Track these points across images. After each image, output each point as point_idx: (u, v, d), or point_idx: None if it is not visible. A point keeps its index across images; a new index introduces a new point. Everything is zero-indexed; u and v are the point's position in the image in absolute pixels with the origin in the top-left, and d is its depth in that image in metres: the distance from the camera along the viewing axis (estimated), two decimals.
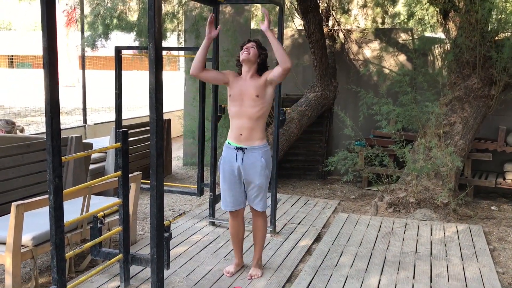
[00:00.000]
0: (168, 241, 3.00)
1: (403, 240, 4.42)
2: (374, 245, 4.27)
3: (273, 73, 3.25)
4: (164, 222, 2.95)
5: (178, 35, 7.63)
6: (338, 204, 5.68)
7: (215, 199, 4.65)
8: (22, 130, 4.76)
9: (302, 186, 6.63)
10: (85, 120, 8.32)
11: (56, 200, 2.32)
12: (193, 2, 5.68)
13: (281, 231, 4.60)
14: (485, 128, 6.18)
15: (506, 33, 5.58)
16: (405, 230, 4.68)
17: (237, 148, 3.37)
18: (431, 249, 4.21)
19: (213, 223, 4.68)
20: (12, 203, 2.94)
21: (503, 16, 5.47)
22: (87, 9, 7.12)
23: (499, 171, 6.29)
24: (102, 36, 5.47)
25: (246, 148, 3.35)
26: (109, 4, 5.33)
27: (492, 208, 5.74)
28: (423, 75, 5.73)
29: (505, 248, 4.41)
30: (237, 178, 3.45)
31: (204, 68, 3.34)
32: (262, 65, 3.37)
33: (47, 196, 2.58)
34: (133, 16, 6.25)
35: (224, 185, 3.50)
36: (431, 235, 4.56)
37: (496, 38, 5.58)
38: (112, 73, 5.04)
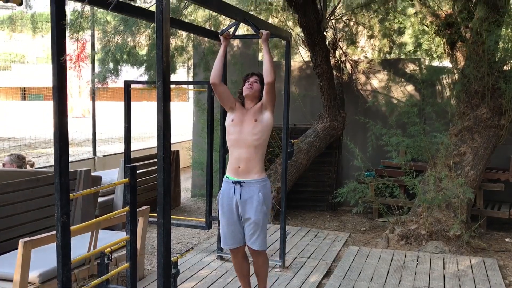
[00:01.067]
0: (176, 278, 2.95)
1: (415, 274, 4.32)
2: (385, 280, 4.17)
3: (263, 72, 3.29)
4: (172, 258, 2.91)
5: (188, 68, 7.74)
6: (348, 237, 5.59)
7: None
8: (32, 165, 4.80)
9: (311, 217, 6.56)
10: (94, 152, 8.37)
11: (63, 238, 2.30)
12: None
13: (290, 265, 4.53)
14: (496, 158, 6.11)
15: None
16: (417, 264, 4.58)
17: (235, 182, 3.30)
18: (444, 284, 4.10)
19: (221, 257, 4.62)
20: (20, 240, 2.93)
21: (509, 45, 5.48)
22: (97, 45, 7.27)
23: None
24: (112, 72, 5.56)
25: (244, 182, 3.29)
26: (119, 41, 5.43)
27: (507, 240, 5.62)
28: (432, 105, 5.72)
29: None
30: (235, 214, 3.36)
31: (221, 76, 3.38)
32: (261, 95, 3.43)
33: (54, 232, 2.57)
34: (142, 50, 6.36)
35: (223, 221, 3.42)
36: (444, 268, 4.46)
37: (504, 68, 5.58)
38: (121, 104, 5.09)
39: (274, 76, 3.25)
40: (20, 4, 2.02)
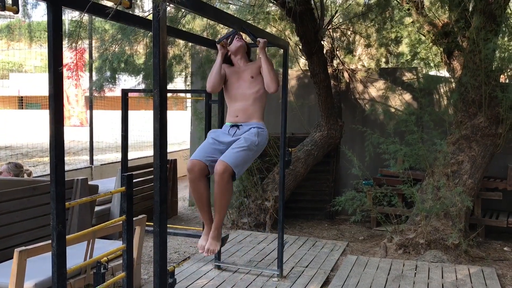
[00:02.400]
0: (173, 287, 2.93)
1: (413, 283, 4.29)
2: None
3: (265, 82, 3.28)
4: (168, 268, 2.89)
5: (186, 77, 7.74)
6: (346, 246, 5.57)
7: (220, 241, 4.57)
8: (29, 174, 4.77)
9: (309, 226, 6.54)
10: (91, 161, 8.34)
11: (59, 247, 2.28)
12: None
13: (288, 274, 4.50)
14: (494, 167, 6.11)
15: (510, 72, 5.61)
16: (415, 273, 4.55)
17: (232, 126, 3.24)
18: None
19: (218, 267, 4.59)
20: (15, 249, 2.90)
21: (506, 54, 5.51)
22: (95, 54, 7.28)
23: (510, 210, 6.18)
24: (109, 80, 5.56)
25: (241, 125, 3.23)
26: (117, 49, 5.44)
27: (505, 249, 5.60)
28: (429, 114, 5.73)
29: None
30: (221, 144, 3.14)
31: (220, 85, 3.35)
32: (249, 51, 3.51)
33: (50, 241, 2.55)
34: (140, 59, 6.37)
35: (203, 143, 3.21)
36: (442, 278, 4.43)
37: (501, 79, 5.60)
38: (118, 113, 5.09)
39: (277, 84, 3.27)
40: (17, 12, 2.02)
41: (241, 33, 3.48)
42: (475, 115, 5.58)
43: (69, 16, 6.72)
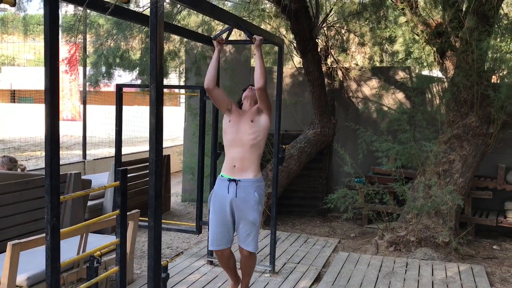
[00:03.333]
0: (165, 282, 2.94)
1: (404, 280, 4.34)
2: (375, 286, 4.19)
3: (254, 77, 3.35)
4: (162, 262, 2.90)
5: (180, 72, 7.74)
6: (338, 243, 5.61)
7: None
8: (23, 169, 4.75)
9: (302, 223, 6.57)
10: (84, 156, 8.32)
11: (53, 240, 2.29)
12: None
13: (280, 270, 4.53)
14: (484, 166, 6.18)
15: (502, 72, 5.67)
16: (406, 270, 4.61)
17: (230, 180, 3.30)
18: None
19: (211, 262, 4.61)
20: (8, 242, 2.90)
21: (498, 55, 5.56)
22: (89, 48, 7.25)
23: (500, 209, 6.25)
24: (104, 75, 5.54)
25: (240, 181, 3.29)
26: (112, 44, 5.43)
27: (494, 247, 5.67)
28: (422, 113, 5.78)
29: None
30: (228, 214, 3.33)
31: (215, 80, 3.40)
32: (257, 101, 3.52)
33: (43, 235, 2.55)
34: (135, 55, 6.36)
35: (214, 220, 3.38)
36: (432, 275, 4.49)
37: (493, 79, 5.65)
38: (112, 108, 5.08)
39: (264, 82, 3.28)
40: (13, 5, 2.02)
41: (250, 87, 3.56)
42: (467, 114, 5.64)
43: (64, 10, 6.70)
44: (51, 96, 2.17)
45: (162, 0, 2.08)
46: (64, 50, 7.13)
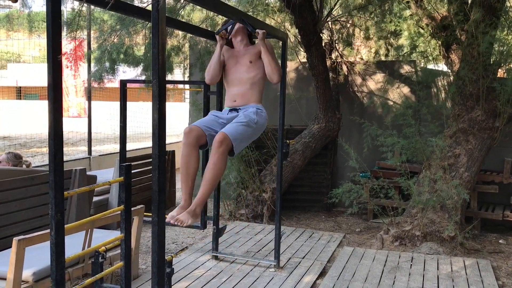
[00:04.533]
0: (170, 277, 2.95)
1: (409, 275, 4.33)
2: (380, 281, 4.19)
3: (267, 73, 3.32)
4: (166, 257, 2.91)
5: (184, 68, 7.73)
6: (343, 237, 5.61)
7: (218, 232, 4.60)
8: (29, 165, 4.78)
9: (306, 218, 6.57)
10: (90, 152, 8.35)
11: (57, 236, 2.29)
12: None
13: (285, 265, 4.53)
14: (490, 160, 6.15)
15: (509, 65, 5.62)
16: (411, 265, 4.59)
17: (231, 110, 3.27)
18: (438, 285, 4.12)
19: (216, 257, 4.62)
20: (14, 238, 2.92)
21: (505, 48, 5.51)
22: (93, 44, 7.26)
23: (506, 203, 6.21)
24: (108, 71, 5.55)
25: (240, 108, 3.26)
26: (115, 40, 5.42)
27: (500, 241, 5.65)
28: (427, 107, 5.75)
29: None
30: (221, 119, 3.18)
31: (218, 76, 3.38)
32: (251, 33, 3.49)
33: (48, 230, 2.56)
34: (139, 51, 6.36)
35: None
36: (438, 269, 4.47)
37: (499, 73, 5.61)
38: (117, 104, 5.09)
39: (280, 74, 3.31)
40: (15, 0, 2.02)
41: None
42: (473, 108, 5.60)
43: (68, 6, 6.70)
44: (54, 92, 2.17)
45: None
46: (67, 46, 7.14)
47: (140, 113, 9.56)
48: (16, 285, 2.94)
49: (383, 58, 7.65)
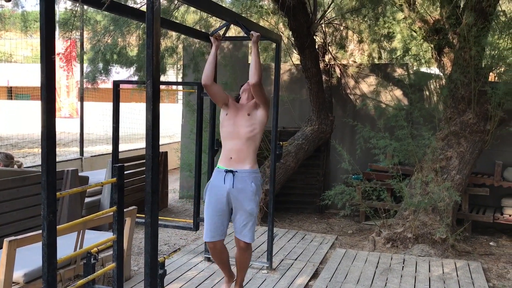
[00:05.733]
0: (162, 279, 2.95)
1: (401, 277, 4.35)
2: (372, 282, 4.20)
3: (249, 73, 3.34)
4: (159, 259, 2.90)
5: (178, 69, 7.72)
6: (335, 239, 5.62)
7: None
8: (20, 166, 4.75)
9: (299, 220, 6.58)
10: (82, 153, 8.31)
11: (49, 237, 2.28)
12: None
13: (277, 267, 4.54)
14: (481, 163, 6.19)
15: (500, 69, 5.67)
16: (403, 267, 4.62)
17: (227, 171, 3.28)
18: (429, 286, 4.14)
19: (208, 259, 4.61)
20: (5, 239, 2.90)
21: (496, 52, 5.56)
22: (86, 45, 7.23)
23: (496, 205, 6.26)
24: (102, 72, 5.52)
25: (236, 171, 3.27)
26: (109, 41, 5.40)
27: (491, 243, 5.69)
28: (419, 110, 5.78)
29: (505, 285, 4.35)
30: (224, 205, 3.30)
31: (212, 76, 3.39)
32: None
33: (40, 231, 2.54)
34: (133, 51, 6.33)
35: (208, 212, 3.33)
36: (429, 271, 4.50)
37: (490, 77, 5.66)
38: (109, 105, 5.07)
39: (259, 78, 3.27)
40: (9, 0, 2.01)
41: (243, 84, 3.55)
42: (464, 111, 5.64)
43: (61, 6, 6.67)
44: (47, 92, 2.16)
45: None
46: (60, 46, 7.11)
47: (133, 114, 9.53)
48: (7, 286, 2.92)
49: (376, 61, 7.69)
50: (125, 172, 4.96)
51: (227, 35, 4.14)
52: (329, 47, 7.35)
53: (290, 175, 6.52)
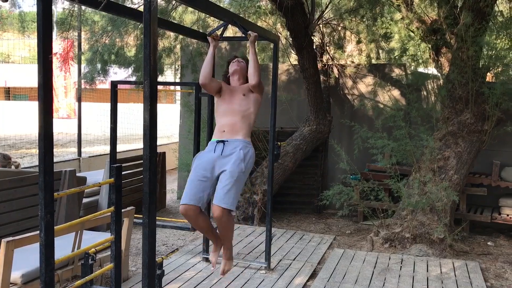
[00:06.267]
0: (161, 279, 2.94)
1: (399, 277, 4.36)
2: (370, 282, 4.20)
3: (248, 74, 3.36)
4: (157, 259, 2.89)
5: (176, 69, 7.72)
6: (333, 239, 5.62)
7: None
8: (17, 166, 4.74)
9: (297, 220, 6.58)
10: (79, 153, 8.29)
11: (47, 237, 2.28)
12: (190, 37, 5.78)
13: (276, 267, 4.54)
14: (479, 163, 6.20)
15: (497, 69, 5.68)
16: (401, 267, 4.62)
17: (218, 142, 3.24)
18: (427, 286, 4.15)
19: (206, 259, 4.61)
20: (2, 240, 2.89)
21: (493, 52, 5.57)
22: (84, 45, 7.21)
23: (494, 205, 6.27)
24: (100, 72, 5.51)
25: (227, 141, 3.22)
26: (107, 41, 5.40)
27: (489, 243, 5.70)
28: (417, 110, 5.79)
29: (503, 285, 4.36)
30: (208, 172, 3.14)
31: (210, 76, 3.38)
32: (247, 77, 3.47)
33: (38, 232, 2.54)
34: (131, 52, 6.33)
35: (190, 177, 3.19)
36: (427, 271, 4.50)
37: (487, 77, 5.67)
38: (107, 105, 5.07)
39: (259, 78, 3.30)
40: (5, 0, 2.00)
41: (239, 57, 3.54)
42: (462, 111, 5.65)
43: (59, 7, 6.66)
44: (44, 92, 2.16)
45: None
46: (58, 46, 7.09)
47: (131, 114, 9.52)
48: (5, 287, 2.91)
49: (374, 61, 7.70)
50: (123, 173, 4.95)
51: (224, 35, 4.14)
52: (327, 47, 7.35)
53: (288, 175, 6.52)
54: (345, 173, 6.01)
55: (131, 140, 12.92)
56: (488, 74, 5.82)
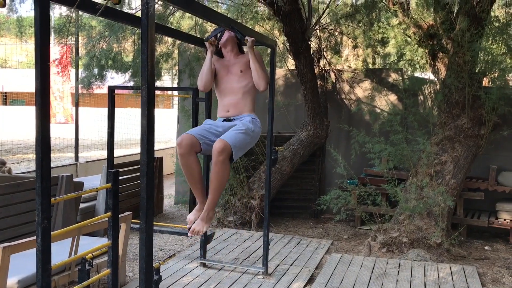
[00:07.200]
0: (158, 284, 2.94)
1: (396, 281, 4.36)
2: (367, 287, 4.20)
3: (254, 81, 3.34)
4: (154, 264, 2.89)
5: (173, 74, 7.73)
6: (331, 244, 5.62)
7: (206, 239, 4.59)
8: (9, 171, 4.72)
9: (295, 225, 6.57)
10: (77, 158, 8.28)
11: (44, 243, 2.27)
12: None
13: (273, 272, 4.53)
14: (476, 167, 6.22)
15: (494, 74, 5.70)
16: (398, 271, 4.62)
17: (225, 120, 3.29)
18: None
19: (204, 264, 4.60)
20: None
21: (490, 57, 5.60)
22: (81, 50, 7.21)
23: (491, 210, 6.28)
24: (97, 77, 5.52)
25: (234, 118, 3.28)
26: (104, 46, 5.41)
27: (486, 248, 5.70)
28: (414, 114, 5.81)
29: None
30: (219, 128, 3.18)
31: (211, 83, 3.38)
32: (240, 42, 3.49)
33: (34, 238, 2.53)
34: (128, 57, 6.34)
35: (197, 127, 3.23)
36: (424, 276, 4.50)
37: (484, 82, 5.69)
38: (104, 110, 5.07)
39: (267, 82, 3.34)
40: (3, 5, 2.01)
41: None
42: (459, 116, 5.67)
43: (56, 12, 6.67)
44: (41, 97, 2.16)
45: (153, 0, 2.07)
46: (55, 51, 7.10)
47: (128, 119, 9.51)
48: None
49: (370, 66, 7.73)
50: (120, 178, 4.94)
51: None
52: (324, 52, 7.38)
53: (285, 180, 6.53)
54: (343, 177, 6.01)
55: (128, 145, 12.91)
56: (485, 79, 5.85)
